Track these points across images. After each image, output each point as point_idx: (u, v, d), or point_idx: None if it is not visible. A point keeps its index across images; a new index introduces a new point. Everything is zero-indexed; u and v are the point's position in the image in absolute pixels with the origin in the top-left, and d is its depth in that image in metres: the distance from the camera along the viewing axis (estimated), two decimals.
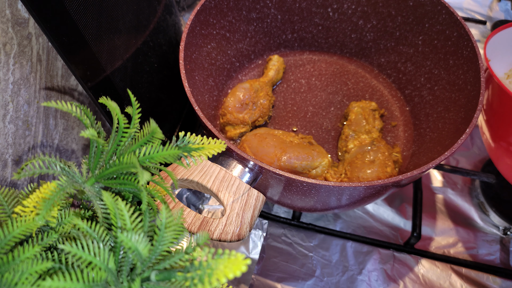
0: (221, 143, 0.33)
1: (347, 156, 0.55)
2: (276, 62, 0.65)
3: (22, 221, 0.26)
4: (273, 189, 0.45)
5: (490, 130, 0.51)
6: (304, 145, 0.54)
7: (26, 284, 0.24)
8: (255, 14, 0.64)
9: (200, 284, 0.25)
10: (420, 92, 0.61)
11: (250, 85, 0.60)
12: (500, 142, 0.49)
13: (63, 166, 0.31)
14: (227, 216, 0.39)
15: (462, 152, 0.66)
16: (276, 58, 0.66)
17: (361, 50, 0.69)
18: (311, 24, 0.68)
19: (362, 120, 0.57)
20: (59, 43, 0.35)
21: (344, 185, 0.39)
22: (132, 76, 0.47)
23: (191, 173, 0.41)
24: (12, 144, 0.37)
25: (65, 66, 0.41)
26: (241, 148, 0.56)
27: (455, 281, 0.54)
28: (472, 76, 0.49)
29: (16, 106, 0.36)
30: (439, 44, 0.57)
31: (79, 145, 0.47)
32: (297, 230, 0.58)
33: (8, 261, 0.25)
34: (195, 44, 0.54)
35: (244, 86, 0.59)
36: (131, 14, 0.44)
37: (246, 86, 0.59)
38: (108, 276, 0.26)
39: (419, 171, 0.40)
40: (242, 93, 0.59)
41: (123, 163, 0.30)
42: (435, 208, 0.61)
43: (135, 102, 0.34)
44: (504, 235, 0.58)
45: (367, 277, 0.54)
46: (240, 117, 0.58)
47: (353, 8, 0.64)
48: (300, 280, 0.54)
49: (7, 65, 0.34)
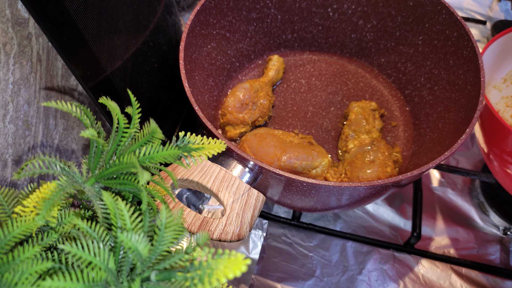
0: (221, 143, 0.33)
1: (347, 156, 0.55)
2: (276, 62, 0.65)
3: (22, 221, 0.26)
4: (273, 189, 0.45)
5: (484, 135, 0.51)
6: (304, 145, 0.54)
7: (26, 284, 0.24)
8: (255, 14, 0.64)
9: (200, 284, 0.25)
10: (420, 92, 0.61)
11: (250, 85, 0.60)
12: (493, 148, 0.49)
13: (63, 166, 0.31)
14: (227, 216, 0.39)
15: (462, 152, 0.66)
16: (276, 58, 0.66)
17: (361, 50, 0.69)
18: (311, 24, 0.68)
19: (362, 120, 0.57)
20: (59, 43, 0.35)
21: (344, 185, 0.39)
22: (132, 76, 0.47)
23: (191, 173, 0.41)
24: (12, 144, 0.37)
25: (65, 66, 0.41)
26: (241, 148, 0.56)
27: (455, 281, 0.54)
28: (472, 76, 0.49)
29: (16, 106, 0.36)
30: (439, 44, 0.57)
31: (79, 145, 0.47)
32: (297, 230, 0.58)
33: (8, 261, 0.25)
34: (195, 44, 0.54)
35: (244, 86, 0.59)
36: (131, 14, 0.44)
37: (246, 86, 0.59)
38: (108, 276, 0.26)
39: (419, 171, 0.40)
40: (242, 93, 0.59)
41: (123, 163, 0.30)
42: (435, 208, 0.61)
43: (135, 102, 0.34)
44: (504, 235, 0.58)
45: (367, 277, 0.54)
46: (240, 117, 0.58)
47: (353, 8, 0.64)
48: (300, 280, 0.54)
49: (7, 65, 0.34)
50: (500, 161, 0.47)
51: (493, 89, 0.56)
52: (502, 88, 0.56)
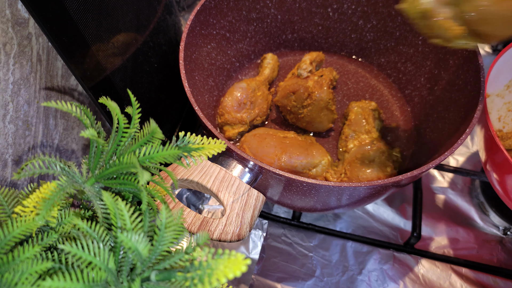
0: (221, 143, 0.33)
1: (347, 156, 0.55)
2: (271, 60, 0.65)
3: (22, 221, 0.27)
4: (273, 189, 0.45)
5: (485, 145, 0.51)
6: (304, 144, 0.54)
7: (26, 284, 0.24)
8: (255, 14, 0.64)
9: (200, 284, 0.25)
10: (420, 92, 0.61)
11: (247, 84, 0.60)
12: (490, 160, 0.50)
13: (63, 166, 0.31)
14: (227, 216, 0.39)
15: (462, 152, 0.66)
16: (271, 56, 0.66)
17: (361, 50, 0.69)
18: (311, 24, 0.68)
19: (362, 120, 0.57)
20: (59, 43, 0.35)
21: (344, 185, 0.39)
22: (132, 76, 0.47)
23: (191, 173, 0.41)
24: (12, 144, 0.37)
25: (65, 66, 0.41)
26: (241, 149, 0.56)
27: (455, 281, 0.54)
28: (472, 76, 0.49)
29: (16, 106, 0.36)
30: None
31: (79, 145, 0.47)
32: (297, 230, 0.58)
33: (8, 261, 0.25)
34: (195, 44, 0.54)
35: (241, 85, 0.60)
36: (131, 14, 0.44)
37: (243, 86, 0.59)
38: (108, 276, 0.26)
39: (419, 171, 0.40)
40: (240, 93, 0.59)
41: (123, 163, 0.30)
42: (435, 208, 0.61)
43: (135, 102, 0.34)
44: (504, 235, 0.58)
45: (367, 277, 0.54)
46: (238, 117, 0.58)
47: (353, 8, 0.64)
48: (300, 280, 0.54)
49: (7, 65, 0.34)
50: (497, 172, 0.48)
51: (496, 97, 0.57)
52: (505, 94, 0.56)
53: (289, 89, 0.58)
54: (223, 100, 0.59)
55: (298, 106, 0.56)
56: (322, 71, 0.57)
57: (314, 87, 0.55)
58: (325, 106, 0.55)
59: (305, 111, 0.56)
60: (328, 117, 0.57)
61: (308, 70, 0.58)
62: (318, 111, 0.56)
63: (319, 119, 0.57)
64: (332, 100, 0.56)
